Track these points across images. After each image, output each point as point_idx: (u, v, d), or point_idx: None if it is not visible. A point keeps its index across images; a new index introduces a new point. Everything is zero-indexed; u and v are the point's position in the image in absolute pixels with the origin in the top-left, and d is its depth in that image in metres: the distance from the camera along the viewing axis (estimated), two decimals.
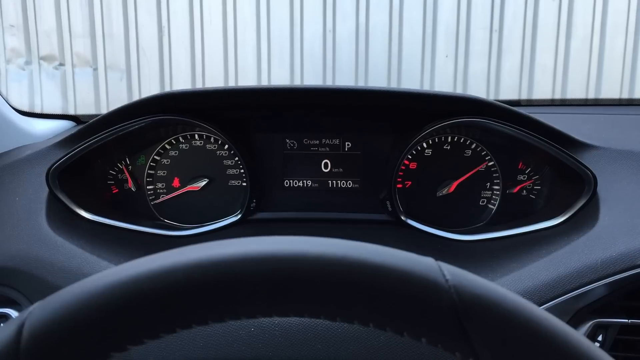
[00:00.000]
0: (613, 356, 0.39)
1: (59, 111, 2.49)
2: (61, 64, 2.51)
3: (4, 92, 1.19)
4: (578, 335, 0.37)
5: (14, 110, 1.23)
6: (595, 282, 0.82)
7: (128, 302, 0.36)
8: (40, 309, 0.37)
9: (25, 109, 1.27)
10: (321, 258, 0.38)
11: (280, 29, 2.41)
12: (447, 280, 0.37)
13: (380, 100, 1.05)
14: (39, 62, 2.52)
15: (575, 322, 0.82)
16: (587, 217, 0.96)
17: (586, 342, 0.36)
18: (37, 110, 1.49)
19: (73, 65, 2.52)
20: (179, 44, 2.46)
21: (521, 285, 0.84)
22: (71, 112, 2.51)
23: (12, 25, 2.43)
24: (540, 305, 0.81)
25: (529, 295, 0.82)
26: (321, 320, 0.80)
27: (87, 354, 0.36)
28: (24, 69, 2.52)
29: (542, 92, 2.38)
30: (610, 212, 0.94)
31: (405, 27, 2.39)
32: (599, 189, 0.98)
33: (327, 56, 2.41)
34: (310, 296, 0.37)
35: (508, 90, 2.39)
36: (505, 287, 0.40)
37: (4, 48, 2.50)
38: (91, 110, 2.48)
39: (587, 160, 1.01)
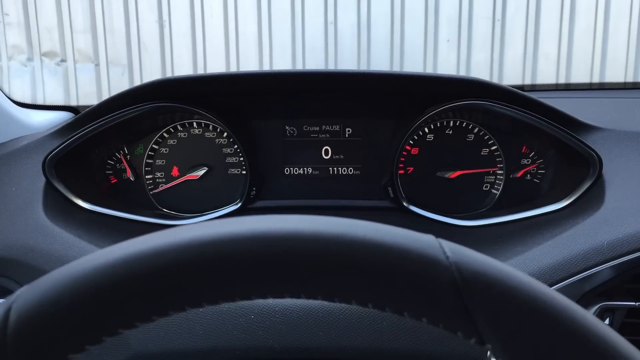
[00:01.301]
0: None
1: None
2: (63, 60, 2.51)
3: (5, 89, 1.18)
4: (584, 313, 0.35)
5: (11, 102, 1.22)
6: (602, 264, 0.81)
7: (117, 285, 0.35)
8: (27, 293, 0.36)
9: None
10: (318, 235, 0.36)
11: (282, 21, 2.40)
12: (447, 257, 0.36)
13: (382, 83, 1.04)
14: (40, 59, 2.51)
15: (581, 306, 0.81)
16: (592, 199, 0.94)
17: (593, 320, 0.35)
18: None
19: (75, 61, 2.52)
20: (180, 37, 2.46)
21: (526, 269, 0.83)
22: None
23: (7, 14, 2.43)
24: None
25: (534, 278, 0.81)
26: (322, 307, 0.79)
27: (76, 338, 0.35)
28: (25, 66, 2.51)
29: (545, 80, 2.36)
30: (616, 194, 0.92)
31: (407, 17, 2.37)
32: (604, 171, 0.96)
33: (329, 48, 2.40)
34: (307, 275, 0.36)
35: (511, 80, 2.38)
36: None
37: (6, 45, 2.49)
38: None
39: (592, 142, 0.99)
